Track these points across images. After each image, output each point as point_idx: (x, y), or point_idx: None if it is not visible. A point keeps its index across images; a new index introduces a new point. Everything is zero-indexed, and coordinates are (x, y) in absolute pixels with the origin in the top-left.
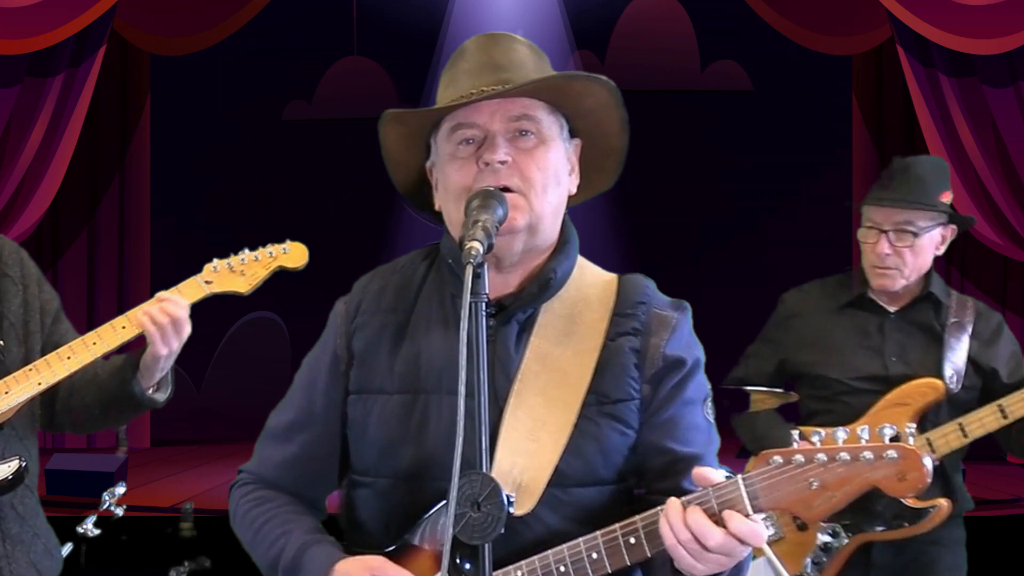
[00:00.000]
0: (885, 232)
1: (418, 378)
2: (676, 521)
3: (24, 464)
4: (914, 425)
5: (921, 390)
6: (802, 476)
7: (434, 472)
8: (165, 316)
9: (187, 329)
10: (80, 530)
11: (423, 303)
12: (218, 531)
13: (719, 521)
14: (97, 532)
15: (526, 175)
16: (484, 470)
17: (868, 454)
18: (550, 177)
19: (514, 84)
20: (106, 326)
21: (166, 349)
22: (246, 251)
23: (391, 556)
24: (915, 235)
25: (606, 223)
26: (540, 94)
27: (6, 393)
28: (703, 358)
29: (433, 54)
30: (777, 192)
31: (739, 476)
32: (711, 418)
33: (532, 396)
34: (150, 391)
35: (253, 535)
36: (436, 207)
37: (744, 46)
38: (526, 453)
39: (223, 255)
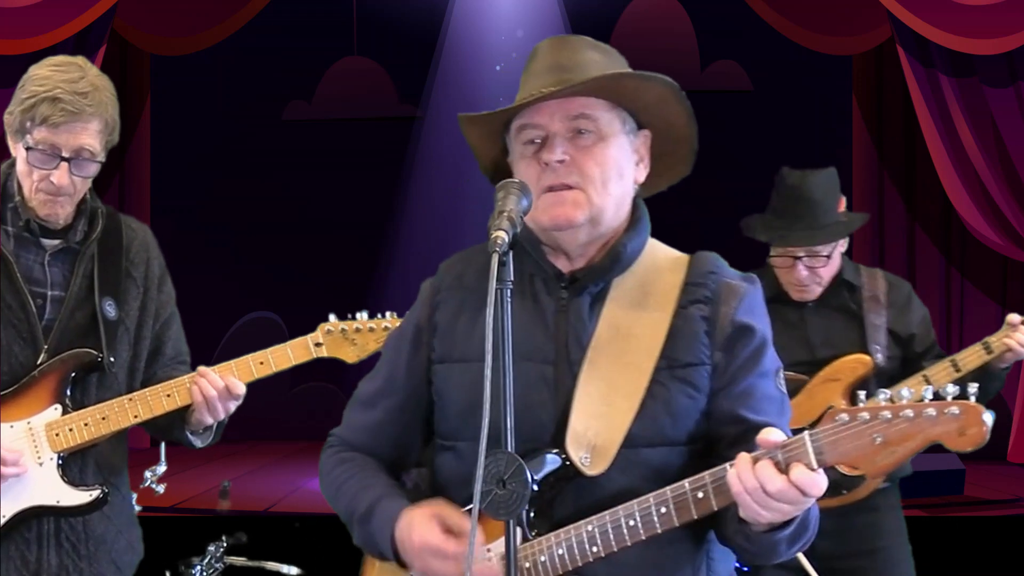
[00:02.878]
0: (799, 258)
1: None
2: (744, 471)
3: (103, 495)
4: (976, 386)
5: (851, 365)
6: (866, 432)
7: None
8: (211, 390)
9: (234, 403)
10: None
11: None
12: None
13: (784, 472)
14: (138, 509)
15: (584, 171)
16: (509, 447)
17: (931, 411)
18: (610, 171)
19: (569, 84)
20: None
21: (210, 419)
22: (363, 316)
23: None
24: (827, 256)
25: None
26: (598, 92)
27: (103, 419)
28: (770, 333)
29: (433, 54)
30: None
31: (805, 432)
32: (784, 389)
33: (605, 362)
34: (192, 436)
35: (335, 491)
36: None
37: (744, 46)
38: (600, 416)
39: (223, 255)
